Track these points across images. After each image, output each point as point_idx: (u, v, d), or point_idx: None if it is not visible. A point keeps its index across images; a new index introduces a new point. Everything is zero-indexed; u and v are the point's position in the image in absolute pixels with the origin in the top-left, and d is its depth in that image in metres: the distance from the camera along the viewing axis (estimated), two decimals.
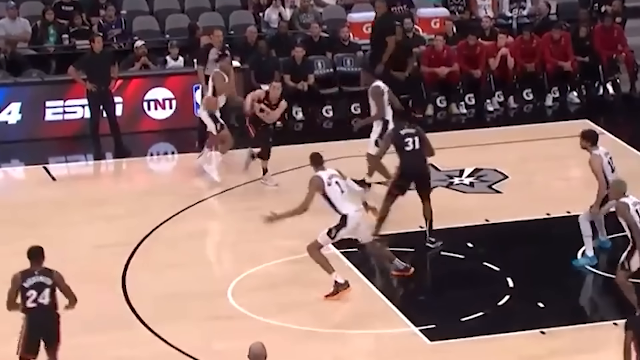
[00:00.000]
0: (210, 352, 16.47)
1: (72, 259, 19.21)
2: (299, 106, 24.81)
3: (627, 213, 16.71)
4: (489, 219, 20.32)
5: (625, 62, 26.55)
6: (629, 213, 16.71)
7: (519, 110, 25.65)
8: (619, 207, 16.80)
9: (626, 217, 16.73)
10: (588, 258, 18.62)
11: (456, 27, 26.41)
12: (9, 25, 25.47)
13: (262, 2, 26.47)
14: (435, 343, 17.00)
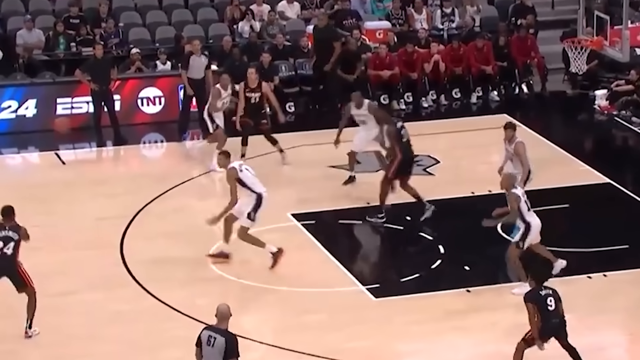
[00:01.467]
0: (192, 307, 16.64)
1: (78, 229, 19.69)
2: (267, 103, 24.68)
3: (519, 202, 17.02)
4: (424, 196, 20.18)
5: (537, 66, 26.74)
6: (520, 202, 17.01)
7: (449, 106, 25.88)
8: (512, 196, 17.06)
9: (514, 205, 16.99)
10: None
11: (397, 37, 26.41)
12: (26, 35, 25.43)
13: (236, 16, 26.41)
14: (379, 299, 17.34)
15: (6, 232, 15.93)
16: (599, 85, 26.04)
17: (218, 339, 13.15)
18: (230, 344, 13.19)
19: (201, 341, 13.28)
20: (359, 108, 21.03)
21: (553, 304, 14.79)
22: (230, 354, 13.13)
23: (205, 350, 13.30)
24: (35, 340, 16.19)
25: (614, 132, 24.70)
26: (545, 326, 14.73)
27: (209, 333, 13.21)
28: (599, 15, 19.78)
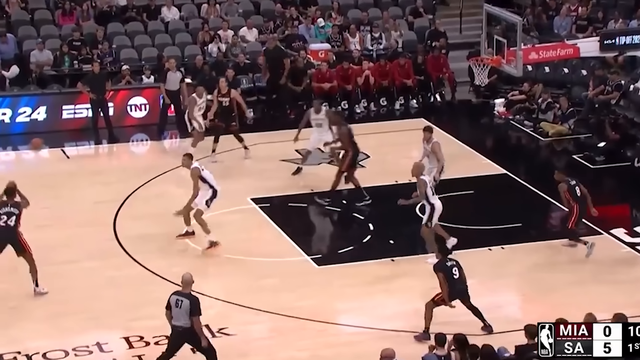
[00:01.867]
0: (170, 273, 16.58)
1: (79, 210, 19.56)
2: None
3: (426, 187, 16.94)
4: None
5: (448, 80, 26.55)
6: (426, 187, 16.93)
7: (377, 112, 25.63)
8: (420, 182, 17.01)
9: (422, 190, 16.87)
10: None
11: (335, 56, 26.18)
12: (38, 54, 25.05)
13: (206, 39, 26.13)
14: (321, 267, 17.40)
15: (9, 208, 16.11)
16: (497, 95, 25.96)
17: (184, 301, 13.37)
18: (193, 305, 13.37)
19: (170, 304, 13.51)
20: (317, 113, 20.88)
21: (457, 273, 14.87)
22: (194, 312, 13.33)
23: (174, 311, 13.41)
24: (41, 299, 16.11)
25: (510, 133, 24.63)
26: (452, 290, 14.79)
27: (177, 297, 13.46)
28: (498, 39, 19.77)
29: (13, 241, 16.10)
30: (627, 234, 18.40)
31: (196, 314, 13.35)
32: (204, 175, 17.55)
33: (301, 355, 14.59)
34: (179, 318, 13.41)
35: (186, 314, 13.32)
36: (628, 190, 20.51)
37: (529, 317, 14.01)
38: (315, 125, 20.90)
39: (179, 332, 13.49)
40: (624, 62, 24.58)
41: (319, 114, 20.86)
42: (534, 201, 19.85)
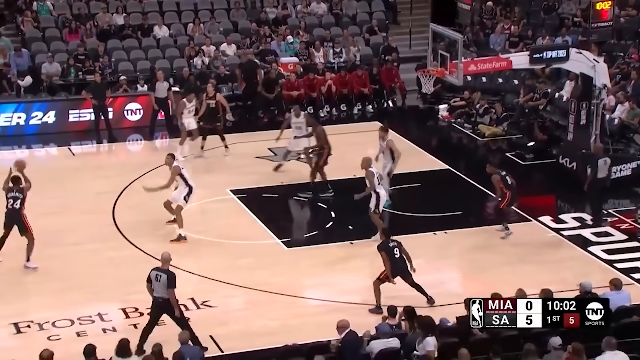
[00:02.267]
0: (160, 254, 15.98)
1: (82, 200, 19.33)
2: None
3: (373, 178, 16.81)
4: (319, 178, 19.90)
5: (399, 88, 26.32)
6: (373, 178, 16.79)
7: (338, 116, 25.41)
8: (368, 173, 16.88)
9: (371, 180, 16.78)
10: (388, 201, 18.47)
11: (302, 68, 25.95)
12: (48, 66, 24.72)
13: (192, 53, 25.89)
14: (290, 249, 17.33)
15: (14, 193, 16.24)
16: (441, 102, 25.84)
17: (163, 276, 13.43)
18: (170, 279, 13.40)
19: (151, 278, 13.42)
20: (297, 117, 20.56)
21: (398, 253, 14.64)
22: (171, 285, 13.34)
23: (154, 284, 13.46)
24: (49, 276, 15.98)
25: (452, 134, 24.53)
26: (394, 268, 14.62)
27: (156, 272, 13.50)
28: (442, 53, 19.68)
29: (18, 222, 16.12)
30: (553, 221, 18.40)
31: (172, 287, 13.33)
32: (183, 173, 17.33)
33: (273, 324, 14.49)
34: (158, 290, 13.44)
35: (164, 287, 13.31)
36: (553, 183, 20.52)
37: (468, 292, 14.00)
38: (295, 128, 20.54)
39: (159, 302, 13.48)
40: (550, 73, 24.68)
41: (298, 117, 20.57)
42: (473, 192, 19.80)
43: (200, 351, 12.60)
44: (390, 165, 18.68)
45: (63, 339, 13.96)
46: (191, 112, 21.60)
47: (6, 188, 16.34)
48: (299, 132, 20.47)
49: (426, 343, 11.82)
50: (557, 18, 27.43)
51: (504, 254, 16.98)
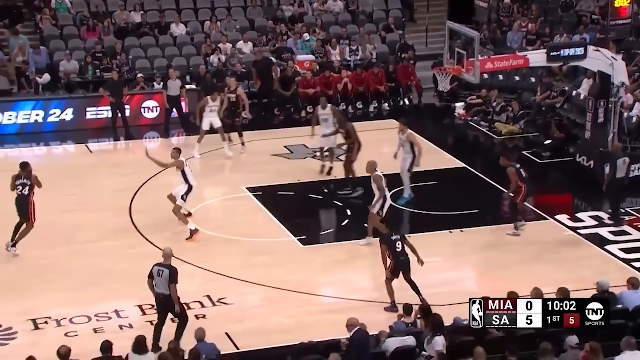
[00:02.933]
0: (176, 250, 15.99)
1: (100, 197, 19.33)
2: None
3: (381, 181, 16.44)
4: (336, 175, 19.98)
5: (415, 86, 26.29)
6: (382, 181, 16.42)
7: (354, 114, 25.27)
8: (376, 176, 16.46)
9: (379, 184, 16.38)
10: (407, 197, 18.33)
11: (318, 66, 25.93)
12: (66, 64, 24.79)
13: (208, 51, 25.91)
14: (305, 246, 17.21)
15: (23, 180, 16.46)
16: (458, 99, 25.75)
17: (165, 271, 13.41)
18: (172, 274, 13.39)
19: (153, 274, 13.37)
20: (323, 109, 20.28)
21: (400, 247, 14.50)
22: (172, 280, 13.30)
23: (156, 280, 13.42)
24: (66, 273, 16.03)
25: (468, 132, 24.45)
26: (396, 262, 14.42)
27: (158, 267, 13.52)
28: (459, 51, 19.62)
29: (24, 208, 16.36)
30: (570, 219, 18.30)
31: (173, 282, 13.31)
32: (185, 170, 17.30)
33: (288, 321, 14.49)
34: (159, 286, 13.42)
35: (166, 282, 13.28)
36: (570, 181, 20.43)
37: (483, 291, 13.94)
38: (321, 120, 20.27)
39: (160, 299, 13.46)
40: (568, 71, 24.52)
41: (325, 109, 20.28)
42: (489, 191, 19.70)
43: (216, 348, 12.59)
44: (410, 159, 18.56)
45: (80, 335, 14.00)
46: (214, 110, 21.47)
47: (14, 177, 16.57)
48: (326, 124, 20.19)
49: (435, 342, 11.80)
50: (575, 15, 27.32)
51: (521, 252, 16.90)
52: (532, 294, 12.48)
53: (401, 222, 18.14)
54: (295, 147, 22.06)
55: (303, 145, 21.66)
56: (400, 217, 18.31)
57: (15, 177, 16.57)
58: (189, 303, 14.83)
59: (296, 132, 23.10)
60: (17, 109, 23.49)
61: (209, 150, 21.62)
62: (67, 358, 11.70)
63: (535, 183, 17.85)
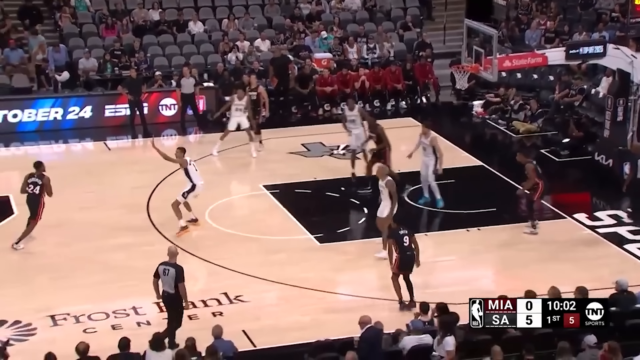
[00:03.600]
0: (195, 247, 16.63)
1: (118, 195, 19.35)
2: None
3: (394, 187, 16.12)
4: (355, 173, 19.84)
5: (433, 84, 26.26)
6: (394, 187, 16.10)
7: (371, 112, 25.07)
8: (389, 182, 16.13)
9: (392, 190, 16.08)
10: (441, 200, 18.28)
11: (336, 64, 25.91)
12: (85, 62, 24.90)
13: (226, 49, 25.96)
14: (322, 244, 17.16)
15: (35, 178, 16.61)
16: (475, 98, 25.67)
17: (171, 270, 13.37)
18: (178, 273, 13.35)
19: (158, 273, 13.37)
20: (351, 110, 20.00)
21: (407, 241, 14.40)
22: (179, 279, 13.27)
23: (162, 278, 13.38)
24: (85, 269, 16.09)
25: (486, 130, 24.40)
26: (403, 257, 14.33)
27: (164, 266, 13.49)
28: (477, 49, 19.56)
29: (34, 206, 16.49)
30: (588, 218, 18.20)
31: (181, 281, 13.29)
32: (189, 169, 17.29)
33: (304, 319, 14.48)
34: (165, 285, 13.39)
35: (172, 281, 13.26)
36: (589, 180, 20.34)
37: (501, 289, 13.86)
38: (348, 121, 19.99)
39: (166, 297, 13.46)
40: (587, 69, 24.38)
41: (352, 110, 20.00)
42: (506, 189, 19.61)
43: (233, 346, 12.60)
44: (432, 163, 18.33)
45: (98, 331, 14.05)
46: (240, 109, 21.34)
47: (26, 176, 16.70)
48: (353, 125, 19.90)
49: (446, 343, 11.76)
50: (594, 13, 27.17)
51: (538, 251, 16.84)
52: (549, 293, 12.44)
53: (419, 220, 18.16)
54: (313, 145, 22.06)
55: (320, 143, 21.63)
56: (418, 215, 18.30)
57: (28, 176, 16.69)
58: (206, 300, 14.90)
59: (313, 130, 23.12)
60: (36, 106, 23.59)
61: (225, 149, 21.62)
62: (86, 354, 11.75)
63: (554, 182, 17.77)
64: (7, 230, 17.41)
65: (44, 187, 16.59)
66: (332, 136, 22.32)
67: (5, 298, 15.12)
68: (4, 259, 16.49)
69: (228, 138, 21.58)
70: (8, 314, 14.51)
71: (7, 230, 17.39)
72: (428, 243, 17.07)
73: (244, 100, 21.31)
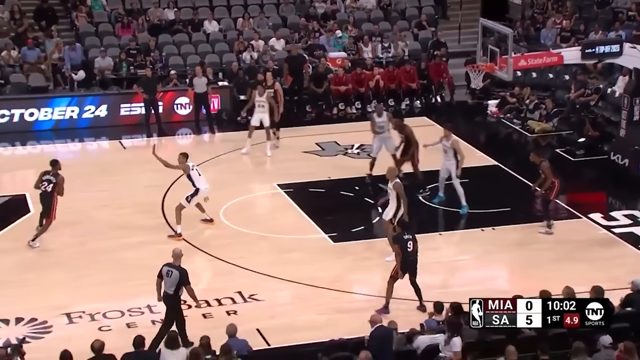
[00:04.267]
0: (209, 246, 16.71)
1: (132, 193, 19.42)
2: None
3: (402, 189, 16.02)
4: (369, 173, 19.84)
5: (448, 84, 26.22)
6: (402, 189, 16.00)
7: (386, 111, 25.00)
8: (397, 184, 16.01)
9: (401, 192, 15.99)
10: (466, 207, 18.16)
11: (350, 63, 25.89)
12: (101, 61, 24.98)
13: (241, 48, 25.99)
14: (336, 244, 17.15)
15: (49, 176, 16.77)
16: (490, 97, 25.62)
17: (174, 272, 13.33)
18: (182, 276, 13.34)
19: (162, 274, 13.37)
20: (380, 117, 19.60)
21: (411, 246, 14.36)
22: (183, 282, 13.27)
23: (165, 280, 13.36)
24: (100, 268, 16.16)
25: (501, 129, 24.34)
26: (405, 261, 14.29)
27: (168, 268, 13.47)
28: (492, 48, 19.54)
29: (47, 204, 16.65)
30: (603, 218, 18.14)
31: (187, 284, 13.29)
32: (191, 174, 17.31)
33: (319, 319, 14.48)
34: (166, 285, 13.40)
35: (175, 283, 13.25)
36: (604, 180, 20.29)
37: (515, 289, 13.82)
38: (378, 128, 19.59)
39: (165, 297, 13.43)
40: (603, 68, 24.29)
41: (381, 117, 19.59)
42: (521, 189, 19.55)
43: (248, 345, 12.61)
44: (454, 166, 18.15)
45: (113, 329, 14.10)
46: (262, 106, 21.29)
47: (41, 173, 16.85)
48: (381, 130, 19.57)
49: (453, 344, 11.72)
50: (611, 12, 27.07)
51: (553, 250, 16.79)
52: (563, 293, 12.39)
53: (433, 220, 18.14)
54: (327, 144, 22.07)
55: (335, 142, 21.62)
56: (433, 215, 18.28)
57: (43, 173, 16.83)
58: (221, 299, 14.93)
59: (328, 129, 23.14)
60: (52, 105, 23.70)
61: (239, 148, 21.67)
62: (101, 352, 11.79)
63: (569, 181, 17.71)
64: (23, 228, 17.52)
65: (57, 185, 16.68)
66: (347, 135, 22.32)
67: (22, 296, 15.20)
68: (20, 257, 16.58)
69: (242, 137, 21.63)
70: (24, 311, 14.59)
71: (23, 228, 17.50)
72: (442, 243, 17.07)
73: (264, 97, 21.30)
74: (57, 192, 16.73)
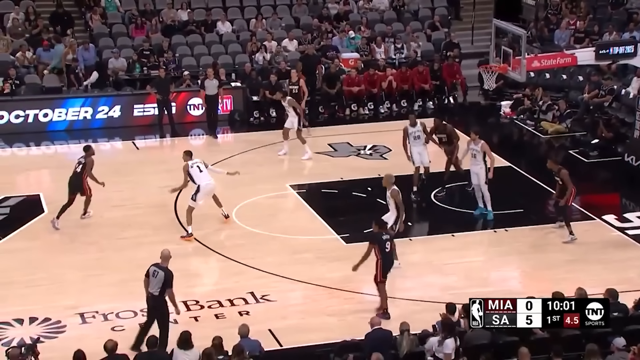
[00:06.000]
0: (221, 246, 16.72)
1: (146, 193, 19.45)
2: (274, 108, 24.12)
3: (399, 196, 15.87)
4: (380, 174, 19.52)
5: (461, 84, 26.14)
6: (399, 196, 15.87)
7: (398, 112, 25.17)
8: (394, 191, 15.87)
9: (398, 199, 15.79)
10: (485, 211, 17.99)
11: (363, 64, 25.86)
12: (114, 62, 25.02)
13: (254, 49, 25.99)
14: (348, 244, 17.06)
15: (81, 157, 17.80)
16: (503, 98, 25.54)
17: (160, 273, 13.31)
18: (167, 277, 13.30)
19: (149, 273, 13.26)
20: (413, 126, 18.81)
21: (389, 247, 14.28)
22: (167, 284, 13.21)
23: (151, 280, 13.33)
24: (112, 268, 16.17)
25: (514, 130, 24.24)
26: (385, 262, 14.23)
27: (155, 268, 13.47)
28: (505, 49, 19.50)
29: (79, 184, 17.49)
30: (617, 220, 18.06)
31: (169, 287, 13.22)
32: (191, 172, 17.32)
33: (330, 320, 14.46)
34: (152, 286, 13.36)
35: (160, 284, 13.22)
36: (618, 181, 20.21)
37: (529, 290, 13.81)
38: (413, 138, 18.85)
39: (149, 298, 13.38)
40: (617, 69, 24.22)
41: (415, 127, 18.83)
42: (534, 190, 19.52)
43: (260, 345, 12.60)
44: (483, 171, 17.83)
45: (127, 329, 14.11)
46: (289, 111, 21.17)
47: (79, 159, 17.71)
48: (418, 141, 18.84)
49: (445, 345, 11.69)
50: (625, 13, 26.97)
51: (566, 252, 16.73)
52: (576, 294, 12.35)
53: (446, 221, 18.09)
54: (340, 145, 22.04)
55: (347, 143, 21.56)
56: (445, 216, 18.24)
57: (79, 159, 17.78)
58: (233, 299, 14.92)
59: (340, 130, 23.11)
60: (66, 106, 23.76)
61: (251, 148, 21.64)
62: (114, 352, 11.81)
63: (583, 183, 17.62)
64: (36, 228, 17.59)
65: (86, 166, 17.48)
66: (359, 136, 22.28)
67: (35, 295, 15.25)
68: (33, 257, 16.63)
69: (254, 138, 21.67)
70: (38, 311, 14.64)
71: (37, 228, 17.58)
72: (455, 244, 17.02)
73: (286, 102, 21.27)
74: (86, 172, 17.44)
